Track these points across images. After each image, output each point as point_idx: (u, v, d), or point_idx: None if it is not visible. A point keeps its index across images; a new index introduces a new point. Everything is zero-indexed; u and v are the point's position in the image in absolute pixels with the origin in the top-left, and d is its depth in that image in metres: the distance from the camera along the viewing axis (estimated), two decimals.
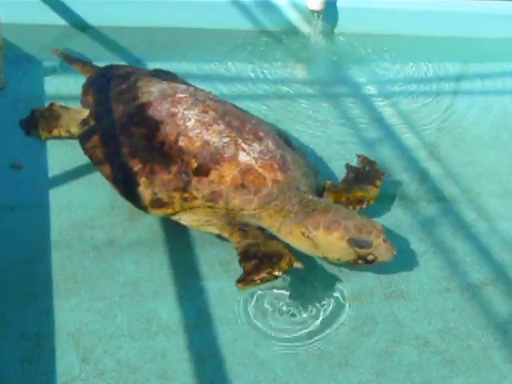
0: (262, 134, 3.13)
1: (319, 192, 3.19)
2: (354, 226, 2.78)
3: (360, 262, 2.82)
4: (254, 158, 2.98)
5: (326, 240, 2.81)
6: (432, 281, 3.14)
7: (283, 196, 2.94)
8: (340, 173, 3.54)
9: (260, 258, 2.70)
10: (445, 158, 3.89)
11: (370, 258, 2.79)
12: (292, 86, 4.29)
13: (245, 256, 2.74)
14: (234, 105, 3.39)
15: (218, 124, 3.06)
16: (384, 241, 2.77)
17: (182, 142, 2.98)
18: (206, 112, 3.11)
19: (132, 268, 3.00)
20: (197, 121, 3.05)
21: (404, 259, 3.16)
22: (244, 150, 3.00)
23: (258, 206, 2.93)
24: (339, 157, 3.71)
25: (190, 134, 3.01)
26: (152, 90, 3.29)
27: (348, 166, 3.44)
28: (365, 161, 3.46)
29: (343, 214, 2.87)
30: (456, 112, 4.27)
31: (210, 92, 3.53)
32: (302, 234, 2.84)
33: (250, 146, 3.02)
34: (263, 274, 2.64)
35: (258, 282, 2.65)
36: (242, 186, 2.91)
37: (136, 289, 2.93)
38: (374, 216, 3.14)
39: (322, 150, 3.79)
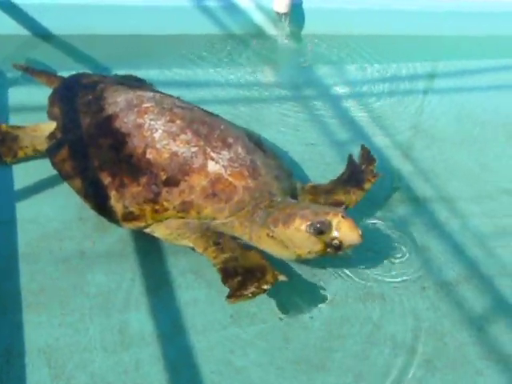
0: (231, 140, 3.12)
1: (294, 194, 3.18)
2: (310, 212, 2.76)
3: (329, 250, 2.76)
4: (223, 166, 2.98)
5: (288, 234, 2.78)
6: (406, 280, 3.13)
7: (255, 202, 2.96)
8: (313, 174, 3.57)
9: (242, 274, 2.71)
10: (417, 158, 3.91)
11: (336, 242, 2.72)
12: (261, 90, 4.31)
13: (226, 273, 2.74)
14: (202, 109, 3.37)
15: (186, 133, 3.06)
16: (343, 217, 2.68)
17: (149, 155, 2.98)
18: (173, 121, 3.09)
19: (103, 279, 2.98)
20: (164, 131, 3.05)
21: (378, 260, 3.16)
22: (213, 159, 3.00)
23: (231, 214, 2.94)
24: (311, 158, 3.74)
25: (158, 146, 3.00)
26: (118, 101, 3.28)
27: (349, 161, 3.42)
28: (365, 155, 3.45)
29: (302, 206, 2.86)
30: (427, 111, 4.31)
31: (178, 97, 3.51)
32: (267, 235, 2.85)
33: (219, 154, 3.02)
34: (252, 289, 2.64)
35: (250, 295, 2.65)
36: (213, 194, 2.93)
37: (107, 300, 2.91)
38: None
39: (294, 153, 3.77)
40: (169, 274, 3.00)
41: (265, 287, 2.64)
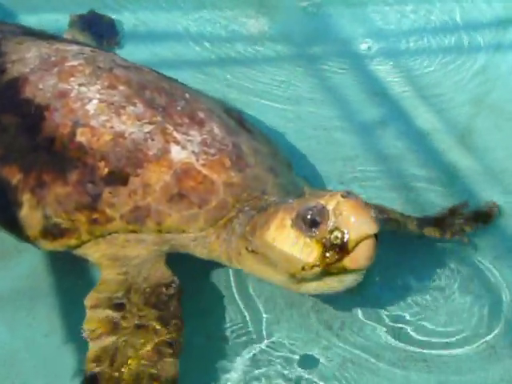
0: (202, 115, 3.03)
1: (298, 194, 3.07)
2: (297, 202, 2.66)
3: (329, 255, 2.57)
4: (193, 152, 2.89)
5: (269, 242, 2.68)
6: (470, 340, 3.08)
7: (241, 205, 2.88)
8: (325, 174, 3.51)
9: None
10: (482, 147, 3.80)
11: (337, 236, 2.54)
12: (251, 46, 4.24)
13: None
14: (156, 72, 3.27)
15: (134, 105, 2.97)
16: (344, 197, 2.52)
17: (81, 137, 2.90)
18: (114, 87, 3.02)
19: (4, 335, 2.87)
20: (101, 102, 2.97)
21: (424, 306, 3.12)
22: (177, 143, 2.90)
23: (207, 224, 2.85)
24: (321, 150, 3.65)
25: (93, 124, 2.92)
26: (27, 57, 3.17)
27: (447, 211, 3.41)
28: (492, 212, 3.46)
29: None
30: (493, 78, 4.22)
31: (115, 54, 3.42)
32: (247, 249, 2.78)
33: (186, 134, 2.94)
34: None
35: None
36: (180, 196, 2.85)
37: (11, 365, 2.81)
38: None
39: (296, 141, 3.67)
40: None
41: None
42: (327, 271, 2.60)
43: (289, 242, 2.66)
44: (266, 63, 4.16)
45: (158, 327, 2.70)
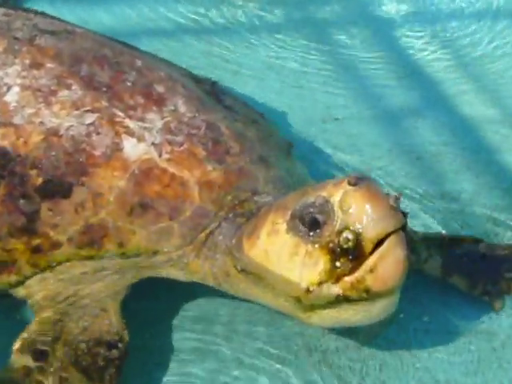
0: (161, 89, 2.88)
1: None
2: (291, 198, 2.52)
3: (341, 264, 2.39)
4: (153, 144, 2.73)
5: (259, 256, 2.57)
6: None
7: (226, 212, 2.73)
8: (334, 172, 3.32)
9: None
10: None
11: (347, 237, 2.35)
12: (239, 8, 4.14)
13: None
14: (92, 33, 3.16)
15: (69, 86, 2.82)
16: (352, 184, 2.34)
17: (2, 140, 2.78)
18: (40, 65, 2.88)
19: None
20: (24, 89, 2.85)
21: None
22: (131, 133, 2.75)
23: (185, 241, 2.71)
24: (334, 145, 3.46)
25: (17, 121, 2.81)
26: None
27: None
28: None
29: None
30: None
31: (43, 13, 3.25)
32: (236, 268, 2.66)
33: (142, 120, 2.79)
34: None
35: None
36: (143, 206, 2.70)
37: None
38: None
39: (299, 133, 3.48)
40: None
41: None
42: (345, 298, 2.41)
43: (285, 252, 2.48)
44: (258, 30, 4.00)
45: None
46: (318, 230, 2.39)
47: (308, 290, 2.42)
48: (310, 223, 2.41)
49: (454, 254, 3.07)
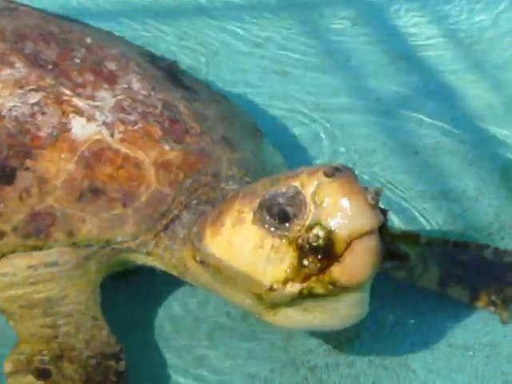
0: (112, 66, 2.85)
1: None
2: (261, 185, 2.42)
3: (309, 262, 2.30)
4: (104, 124, 2.68)
5: (221, 247, 2.49)
6: None
7: (186, 198, 2.66)
8: (322, 156, 3.29)
9: None
10: None
11: (318, 234, 2.27)
12: None
13: None
14: (38, 11, 3.11)
15: (12, 65, 2.79)
16: (327, 175, 2.25)
17: None
18: None
19: None
20: None
21: None
22: (81, 113, 2.69)
23: (141, 229, 2.64)
24: (318, 136, 3.38)
25: None
26: None
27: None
28: None
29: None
30: None
31: None
32: (194, 259, 2.57)
33: (92, 98, 2.74)
34: None
35: None
36: (93, 191, 2.64)
37: None
38: None
39: (280, 124, 3.42)
40: None
41: None
42: (309, 291, 2.33)
43: (249, 245, 2.38)
44: (239, 11, 3.86)
45: None
46: (286, 224, 2.29)
47: (271, 288, 2.36)
48: (279, 215, 2.32)
49: (455, 262, 2.98)
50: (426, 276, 2.87)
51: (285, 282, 2.33)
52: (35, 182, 2.64)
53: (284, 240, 2.31)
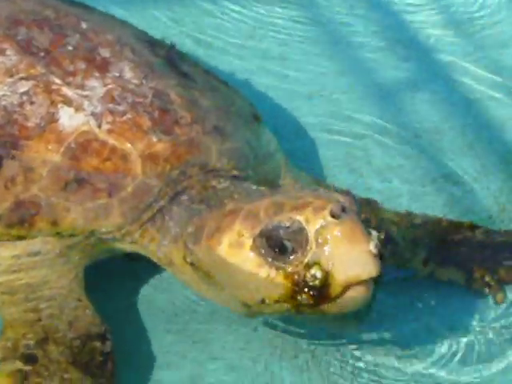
0: (106, 53, 2.81)
1: (270, 174, 2.92)
2: (265, 208, 2.41)
3: (302, 298, 2.35)
4: (93, 114, 2.66)
5: (216, 259, 2.51)
6: None
7: (173, 191, 2.65)
8: (319, 153, 3.28)
9: None
10: None
11: (316, 275, 2.29)
12: None
13: None
14: None
15: (3, 52, 2.77)
16: (333, 216, 2.25)
17: None
18: None
19: None
20: None
21: None
22: (69, 103, 2.68)
23: (126, 220, 2.63)
24: (315, 120, 3.37)
25: None
26: None
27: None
28: None
29: (262, 195, 2.55)
30: None
31: None
32: (185, 260, 2.59)
33: (82, 87, 2.72)
34: None
35: None
36: (79, 181, 2.63)
37: None
38: None
39: (276, 106, 3.41)
40: None
41: None
42: (298, 311, 2.41)
43: (245, 268, 2.42)
44: None
45: None
46: (285, 257, 2.31)
47: (262, 301, 2.39)
48: (279, 247, 2.33)
49: (447, 243, 2.97)
50: (414, 260, 2.88)
51: (276, 301, 2.37)
52: (21, 171, 2.64)
53: (281, 272, 2.33)
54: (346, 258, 2.24)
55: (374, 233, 2.25)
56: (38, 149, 2.61)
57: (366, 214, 2.93)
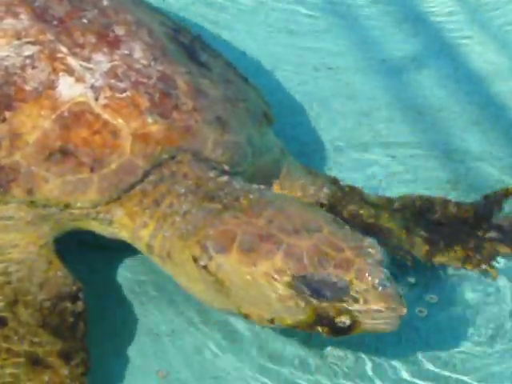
0: (120, 31, 2.79)
1: (270, 168, 2.89)
2: (309, 255, 2.39)
3: (321, 329, 2.41)
4: (92, 87, 2.65)
5: (243, 277, 2.44)
6: None
7: (162, 174, 2.64)
8: (325, 127, 3.21)
9: None
10: None
11: (344, 321, 2.37)
12: None
13: None
14: None
15: (17, 15, 2.78)
16: (376, 287, 2.33)
17: None
18: None
19: None
20: None
21: None
22: (71, 72, 2.67)
23: (103, 198, 2.61)
24: (322, 95, 3.34)
25: None
26: None
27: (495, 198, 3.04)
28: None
29: (292, 216, 2.52)
30: None
31: None
32: (195, 260, 2.48)
33: (87, 60, 2.69)
34: None
35: None
36: (63, 152, 2.62)
37: None
38: None
39: (284, 81, 3.38)
40: None
41: None
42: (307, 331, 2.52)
43: (274, 295, 2.42)
44: None
45: (58, 366, 2.51)
46: (318, 296, 2.37)
47: (271, 321, 2.43)
48: (316, 290, 2.40)
49: (432, 224, 2.97)
50: (414, 249, 2.89)
51: (287, 324, 2.42)
52: (8, 136, 2.64)
53: (309, 305, 2.37)
54: (379, 316, 2.32)
55: (404, 297, 2.34)
56: (30, 112, 2.60)
57: (353, 199, 2.97)
